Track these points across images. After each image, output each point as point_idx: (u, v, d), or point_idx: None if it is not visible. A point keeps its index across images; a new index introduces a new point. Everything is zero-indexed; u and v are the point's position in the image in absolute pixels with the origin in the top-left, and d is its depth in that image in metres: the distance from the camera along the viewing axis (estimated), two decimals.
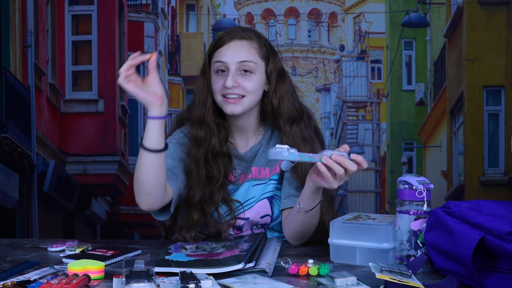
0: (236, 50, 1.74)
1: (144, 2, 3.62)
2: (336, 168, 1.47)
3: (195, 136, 1.75)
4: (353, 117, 3.69)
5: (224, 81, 1.71)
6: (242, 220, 1.78)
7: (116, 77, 3.58)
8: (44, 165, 3.46)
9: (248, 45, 1.75)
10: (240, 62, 1.72)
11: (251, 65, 1.73)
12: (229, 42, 1.75)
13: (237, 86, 1.71)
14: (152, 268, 1.22)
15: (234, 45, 1.74)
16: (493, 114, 3.50)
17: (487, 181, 3.47)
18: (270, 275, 1.36)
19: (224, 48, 1.74)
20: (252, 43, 1.75)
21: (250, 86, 1.72)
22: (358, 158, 1.48)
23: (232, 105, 1.72)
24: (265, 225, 1.81)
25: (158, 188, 1.61)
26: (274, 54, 1.81)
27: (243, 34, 1.76)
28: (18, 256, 1.57)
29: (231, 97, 1.72)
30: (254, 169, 1.81)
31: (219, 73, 1.74)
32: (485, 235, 1.20)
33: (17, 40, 3.43)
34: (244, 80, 1.72)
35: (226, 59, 1.72)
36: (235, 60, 1.72)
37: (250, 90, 1.73)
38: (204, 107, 1.76)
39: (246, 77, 1.73)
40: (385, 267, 1.24)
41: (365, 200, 3.65)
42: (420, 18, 3.55)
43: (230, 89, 1.71)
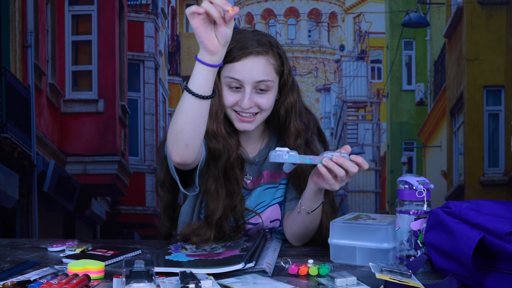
0: (253, 68, 1.63)
1: (144, 2, 3.62)
2: (337, 170, 1.47)
3: (213, 150, 1.66)
4: (353, 117, 3.69)
5: (239, 100, 1.64)
6: (251, 225, 1.78)
7: (116, 77, 3.59)
8: (44, 165, 3.46)
9: (265, 62, 1.65)
10: (257, 81, 1.63)
11: (268, 83, 1.65)
12: (246, 57, 1.63)
13: (252, 106, 1.65)
14: (152, 268, 1.22)
15: (251, 63, 1.63)
16: (493, 114, 3.49)
17: (487, 181, 3.47)
18: (270, 275, 1.36)
19: (239, 64, 1.63)
20: (269, 58, 1.65)
21: (265, 104, 1.66)
22: (358, 159, 1.48)
23: (245, 123, 1.66)
24: (273, 229, 1.81)
25: (198, 139, 1.50)
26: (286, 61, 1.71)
27: (260, 50, 1.64)
28: (18, 256, 1.57)
29: (245, 115, 1.65)
30: (265, 173, 1.78)
31: (232, 88, 1.65)
32: (485, 235, 1.20)
33: (17, 40, 3.43)
34: (259, 98, 1.65)
35: (242, 77, 1.63)
36: (251, 80, 1.63)
37: (265, 108, 1.67)
38: (218, 120, 1.66)
39: (262, 95, 1.65)
40: (385, 267, 1.24)
41: (365, 200, 3.65)
42: (420, 18, 3.55)
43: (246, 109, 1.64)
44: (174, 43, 3.68)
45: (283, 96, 1.72)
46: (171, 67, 3.66)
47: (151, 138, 3.58)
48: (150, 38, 3.63)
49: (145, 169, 3.61)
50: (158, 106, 3.62)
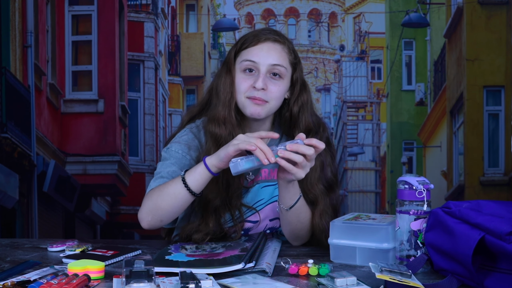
0: (270, 52, 1.69)
1: (144, 2, 3.62)
2: (294, 157, 1.48)
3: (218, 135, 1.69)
4: (353, 117, 3.69)
5: (253, 82, 1.66)
6: (251, 223, 1.78)
7: (116, 77, 3.58)
8: (44, 165, 3.46)
9: (281, 49, 1.71)
10: (272, 65, 1.68)
11: (281, 69, 1.69)
12: (263, 42, 1.69)
13: (265, 90, 1.66)
14: (152, 268, 1.22)
15: (267, 47, 1.69)
16: (493, 114, 3.49)
17: (487, 181, 3.47)
18: (270, 275, 1.36)
19: (256, 48, 1.69)
20: (284, 47, 1.71)
21: (276, 92, 1.68)
22: (312, 141, 1.49)
23: (256, 106, 1.67)
24: (274, 228, 1.81)
25: (171, 220, 1.65)
26: (300, 62, 1.77)
27: (277, 37, 1.71)
28: (18, 256, 1.57)
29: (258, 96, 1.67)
30: (263, 171, 1.78)
31: (247, 72, 1.69)
32: (485, 235, 1.20)
33: (17, 40, 3.43)
34: (272, 85, 1.68)
35: (258, 59, 1.67)
36: (267, 62, 1.67)
37: (275, 95, 1.68)
38: (230, 107, 1.70)
39: (275, 81, 1.68)
40: (385, 267, 1.24)
41: (365, 200, 3.65)
42: (420, 18, 3.55)
43: (258, 92, 1.66)
44: (174, 43, 3.68)
45: (297, 92, 1.75)
46: (171, 67, 3.66)
47: (151, 138, 3.58)
48: (150, 38, 3.64)
49: (145, 169, 3.61)
50: (158, 106, 3.62)
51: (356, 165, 3.62)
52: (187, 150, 1.73)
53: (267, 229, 1.80)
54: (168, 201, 1.58)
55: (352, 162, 3.61)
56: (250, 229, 1.78)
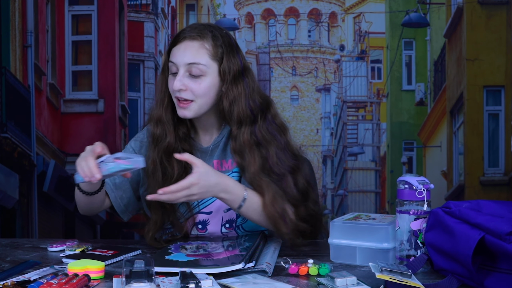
0: (186, 51, 1.65)
1: (144, 2, 3.62)
2: None
3: (153, 133, 1.74)
4: (353, 117, 3.69)
5: None
6: (205, 214, 1.76)
7: (116, 77, 3.58)
8: (44, 165, 3.46)
9: (199, 46, 1.66)
10: (188, 64, 1.65)
11: (200, 67, 1.64)
12: (181, 42, 1.67)
13: (185, 90, 1.65)
14: (152, 268, 1.22)
15: (184, 46, 1.66)
16: (493, 114, 3.49)
17: (487, 181, 3.47)
18: (270, 275, 1.36)
19: (176, 48, 1.68)
20: (203, 43, 1.66)
21: (198, 90, 1.65)
22: None
23: (182, 109, 1.66)
24: (232, 221, 1.78)
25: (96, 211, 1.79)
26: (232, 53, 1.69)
27: (193, 34, 1.66)
28: (18, 256, 1.57)
29: (181, 99, 1.66)
30: (216, 162, 1.76)
31: (173, 73, 1.68)
32: (485, 235, 1.20)
33: (17, 40, 3.43)
34: (192, 83, 1.65)
35: (176, 59, 1.66)
36: (183, 62, 1.65)
37: (198, 93, 1.65)
38: (162, 106, 1.72)
39: (195, 80, 1.65)
40: (385, 267, 1.24)
41: (365, 200, 3.65)
42: (420, 18, 3.55)
43: (178, 92, 1.65)
44: None
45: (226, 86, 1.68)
46: None
47: None
48: (150, 38, 3.63)
49: None
50: None
51: (356, 165, 3.62)
52: (139, 148, 1.82)
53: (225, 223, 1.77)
54: (77, 199, 1.72)
55: (352, 162, 3.61)
56: (207, 221, 1.75)
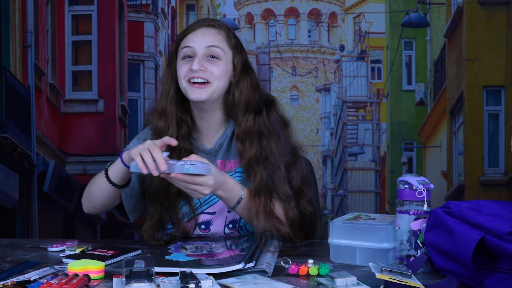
0: (204, 35, 1.71)
1: (144, 2, 3.62)
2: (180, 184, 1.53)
3: (155, 127, 1.74)
4: (353, 117, 3.69)
5: (190, 66, 1.68)
6: (209, 215, 1.76)
7: (116, 77, 3.58)
8: (44, 165, 3.46)
9: (216, 32, 1.73)
10: (207, 46, 1.70)
11: (218, 50, 1.70)
12: (198, 29, 1.73)
13: (204, 70, 1.68)
14: (152, 268, 1.22)
15: (202, 31, 1.72)
16: (493, 114, 3.49)
17: (487, 181, 3.47)
18: (270, 275, 1.36)
19: (192, 34, 1.72)
20: (220, 31, 1.74)
21: (216, 72, 1.69)
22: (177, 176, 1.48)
23: (197, 90, 1.68)
24: (236, 222, 1.78)
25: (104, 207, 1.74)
26: (242, 47, 1.78)
27: (211, 23, 1.75)
28: (18, 256, 1.57)
29: (197, 81, 1.68)
30: (219, 162, 1.76)
31: (186, 59, 1.71)
32: (485, 235, 1.20)
33: (17, 40, 3.43)
34: (211, 65, 1.69)
35: (194, 44, 1.70)
36: (202, 45, 1.69)
37: (216, 75, 1.69)
38: (167, 98, 1.74)
39: (213, 62, 1.70)
40: (385, 267, 1.24)
41: (365, 200, 3.65)
42: (420, 18, 3.55)
43: (196, 73, 1.67)
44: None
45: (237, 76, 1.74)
46: None
47: None
48: (150, 38, 3.63)
49: None
50: None
51: (356, 165, 3.62)
52: None
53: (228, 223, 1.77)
54: (96, 190, 1.69)
55: (352, 162, 3.61)
56: (210, 221, 1.76)
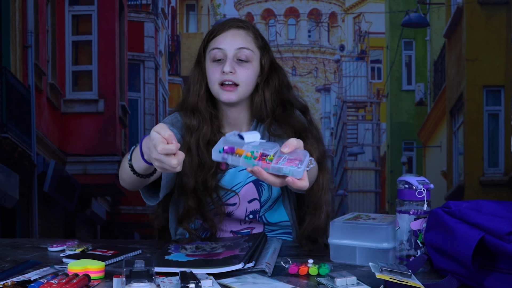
0: (234, 37, 1.75)
1: (144, 2, 3.62)
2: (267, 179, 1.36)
3: (188, 125, 1.76)
4: (353, 117, 3.69)
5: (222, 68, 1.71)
6: (230, 206, 1.78)
7: (116, 77, 3.59)
8: (44, 165, 3.46)
9: (245, 34, 1.77)
10: (238, 48, 1.73)
11: (248, 52, 1.74)
12: (227, 30, 1.76)
13: (233, 73, 1.72)
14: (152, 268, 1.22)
15: (232, 33, 1.76)
16: (493, 114, 3.50)
17: (487, 181, 3.47)
18: (270, 275, 1.36)
19: (221, 36, 1.75)
20: (248, 32, 1.77)
21: (245, 75, 1.73)
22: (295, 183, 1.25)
23: (228, 93, 1.72)
24: (256, 212, 1.79)
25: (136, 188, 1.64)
26: (268, 46, 1.83)
27: (240, 24, 1.78)
28: (18, 256, 1.57)
29: (228, 83, 1.72)
30: None
31: (216, 62, 1.74)
32: (485, 235, 1.20)
33: (17, 40, 3.43)
34: (240, 68, 1.73)
35: (224, 45, 1.73)
36: (233, 47, 1.73)
37: (245, 79, 1.73)
38: (198, 96, 1.77)
39: (243, 65, 1.73)
40: (385, 267, 1.24)
41: (365, 200, 3.65)
42: (420, 18, 3.55)
43: (227, 75, 1.71)
44: (174, 43, 3.69)
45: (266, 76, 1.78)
46: (171, 67, 3.66)
47: None
48: (150, 38, 3.64)
49: None
50: (158, 106, 3.63)
51: (356, 165, 3.62)
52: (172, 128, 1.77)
53: (248, 214, 1.79)
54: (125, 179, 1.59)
55: (352, 162, 3.62)
56: (231, 213, 1.78)
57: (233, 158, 1.24)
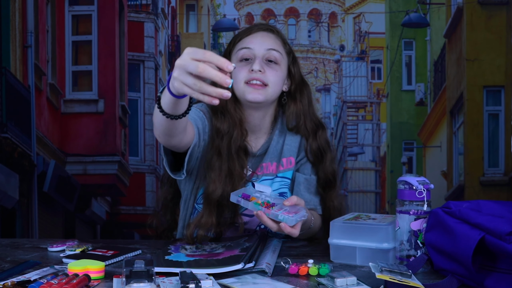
0: (263, 38, 1.74)
1: (144, 2, 3.62)
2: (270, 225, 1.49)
3: (218, 127, 1.68)
4: (353, 117, 3.69)
5: (250, 67, 1.68)
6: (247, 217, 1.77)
7: (116, 77, 3.59)
8: (44, 165, 3.46)
9: (274, 37, 1.76)
10: (267, 49, 1.71)
11: (277, 54, 1.72)
12: (256, 32, 1.75)
13: (262, 72, 1.68)
14: (152, 268, 1.22)
15: (261, 35, 1.75)
16: (493, 114, 3.50)
17: (487, 181, 3.47)
18: (270, 275, 1.36)
19: (251, 36, 1.74)
20: (277, 37, 1.77)
21: (274, 76, 1.70)
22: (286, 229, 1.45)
23: (255, 91, 1.67)
24: None
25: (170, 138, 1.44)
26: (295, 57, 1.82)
27: (269, 27, 1.78)
28: (18, 256, 1.57)
29: (255, 82, 1.68)
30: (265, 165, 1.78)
31: (243, 61, 1.71)
32: (485, 235, 1.20)
33: (17, 40, 3.43)
34: (269, 69, 1.70)
35: (253, 45, 1.71)
36: (262, 47, 1.71)
37: (274, 80, 1.70)
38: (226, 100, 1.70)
39: (272, 67, 1.71)
40: (385, 267, 1.24)
41: (365, 200, 3.65)
42: (420, 18, 3.55)
43: (256, 74, 1.67)
44: (174, 43, 3.69)
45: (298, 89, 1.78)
46: (171, 67, 3.66)
47: (151, 138, 3.58)
48: (150, 38, 3.64)
49: (145, 169, 3.61)
50: None
51: (356, 165, 3.62)
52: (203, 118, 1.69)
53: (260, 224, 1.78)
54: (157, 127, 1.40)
55: (352, 162, 3.62)
56: (246, 223, 1.77)
57: (245, 202, 1.52)
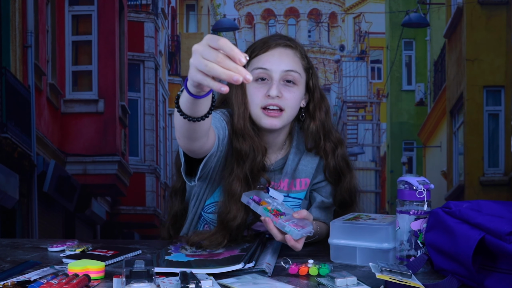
0: (281, 57, 1.60)
1: (144, 2, 3.62)
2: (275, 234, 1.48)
3: (239, 150, 1.58)
4: (353, 117, 3.69)
5: (267, 91, 1.57)
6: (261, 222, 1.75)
7: (116, 77, 3.59)
8: (44, 165, 3.46)
9: (293, 54, 1.63)
10: (285, 71, 1.59)
11: (295, 75, 1.60)
12: (274, 48, 1.61)
13: (280, 97, 1.58)
14: (152, 268, 1.22)
15: (279, 53, 1.61)
16: (493, 114, 3.50)
17: (487, 181, 3.47)
18: (270, 275, 1.36)
19: (267, 54, 1.61)
20: (296, 52, 1.64)
21: (292, 99, 1.60)
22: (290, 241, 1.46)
23: (272, 119, 1.58)
24: None
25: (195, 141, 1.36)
26: (313, 67, 1.70)
27: (288, 42, 1.63)
28: (18, 256, 1.57)
29: (272, 108, 1.58)
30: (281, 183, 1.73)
31: (259, 81, 1.60)
32: (485, 235, 1.20)
33: (17, 40, 3.43)
34: (287, 92, 1.59)
35: (270, 66, 1.59)
36: (280, 68, 1.59)
37: (291, 104, 1.60)
38: (244, 119, 1.59)
39: (289, 88, 1.60)
40: (385, 267, 1.24)
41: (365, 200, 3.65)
42: (420, 18, 3.55)
43: (273, 100, 1.57)
44: (174, 43, 3.69)
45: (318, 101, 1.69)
46: (171, 67, 3.67)
47: (151, 138, 3.58)
48: (150, 38, 3.64)
49: (145, 169, 3.61)
50: (158, 106, 3.63)
51: (356, 165, 3.62)
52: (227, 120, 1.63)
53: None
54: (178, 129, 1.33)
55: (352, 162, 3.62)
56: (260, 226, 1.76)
57: (255, 205, 1.50)
